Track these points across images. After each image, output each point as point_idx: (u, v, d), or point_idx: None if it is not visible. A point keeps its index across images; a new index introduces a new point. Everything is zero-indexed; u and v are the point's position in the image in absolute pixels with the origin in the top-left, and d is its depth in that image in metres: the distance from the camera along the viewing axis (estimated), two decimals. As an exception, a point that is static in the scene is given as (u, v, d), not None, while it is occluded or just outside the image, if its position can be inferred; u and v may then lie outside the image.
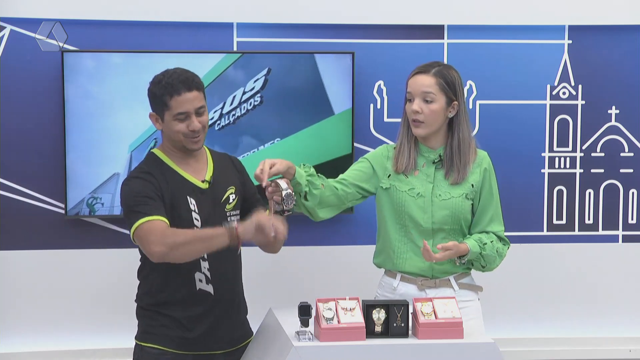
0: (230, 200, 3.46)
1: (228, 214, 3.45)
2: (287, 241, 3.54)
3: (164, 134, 3.43)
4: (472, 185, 3.62)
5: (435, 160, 3.62)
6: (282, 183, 3.33)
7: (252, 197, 3.58)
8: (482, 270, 3.65)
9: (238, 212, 3.50)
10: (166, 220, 3.30)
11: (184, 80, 3.34)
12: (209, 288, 3.40)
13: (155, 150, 3.48)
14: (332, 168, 5.02)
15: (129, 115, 4.90)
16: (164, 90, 3.33)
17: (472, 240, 3.58)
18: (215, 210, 3.42)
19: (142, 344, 3.45)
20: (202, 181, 3.43)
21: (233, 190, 3.46)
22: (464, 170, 3.60)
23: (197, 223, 3.38)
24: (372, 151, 3.76)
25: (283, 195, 3.29)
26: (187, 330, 3.41)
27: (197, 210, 3.38)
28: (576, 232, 5.29)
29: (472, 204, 3.64)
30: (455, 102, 3.61)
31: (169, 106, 3.33)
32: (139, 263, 3.51)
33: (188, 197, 3.38)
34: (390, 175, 3.64)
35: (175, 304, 3.41)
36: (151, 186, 3.34)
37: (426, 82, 3.57)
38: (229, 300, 3.46)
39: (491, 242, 3.59)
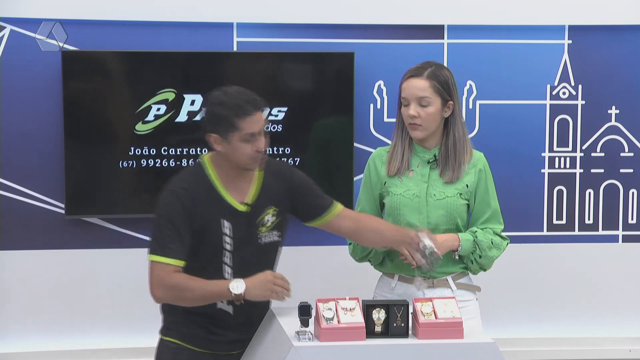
0: (266, 222, 3.39)
1: (259, 235, 3.39)
2: (287, 241, 3.54)
3: (224, 155, 3.33)
4: (467, 186, 3.62)
5: (430, 160, 3.63)
6: (426, 240, 3.27)
7: (315, 203, 3.47)
8: (480, 265, 3.62)
9: (276, 233, 3.43)
10: (180, 264, 3.28)
11: (250, 101, 3.28)
12: (229, 309, 3.39)
13: (206, 159, 3.40)
14: (332, 168, 5.03)
15: (129, 115, 4.90)
16: (232, 112, 3.25)
17: (463, 232, 3.61)
18: (250, 232, 3.37)
19: (163, 337, 3.47)
20: (242, 203, 3.36)
21: (272, 212, 3.40)
22: (459, 169, 3.60)
23: (228, 247, 3.35)
24: (367, 163, 3.72)
25: (426, 253, 3.24)
26: (206, 332, 3.41)
27: (231, 234, 3.34)
28: (576, 232, 5.29)
29: (467, 204, 3.64)
30: (451, 102, 3.61)
31: (238, 127, 3.25)
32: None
33: (223, 220, 3.33)
34: (386, 182, 3.65)
35: (196, 313, 3.40)
36: (182, 212, 3.28)
37: (420, 86, 3.56)
38: (248, 320, 3.44)
39: (484, 233, 3.59)
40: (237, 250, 3.35)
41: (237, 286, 3.23)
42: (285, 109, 4.98)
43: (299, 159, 4.99)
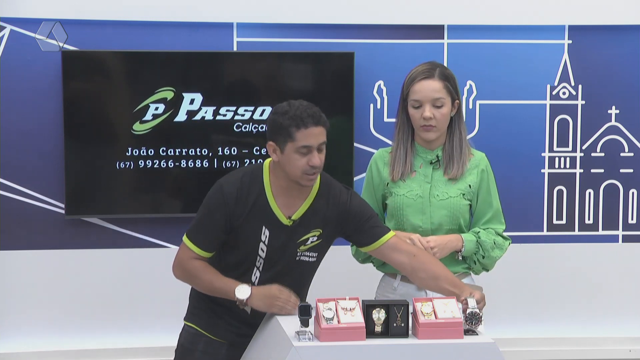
0: (308, 242, 3.41)
1: (299, 253, 3.41)
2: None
3: (279, 165, 3.35)
4: (470, 186, 3.62)
5: (433, 161, 3.63)
6: (471, 301, 3.20)
7: (365, 232, 3.45)
8: (482, 265, 3.63)
9: (314, 254, 3.45)
10: (203, 254, 3.38)
11: (312, 114, 3.30)
12: (247, 307, 3.41)
13: (266, 166, 3.42)
14: (332, 168, 5.02)
15: (130, 115, 4.90)
16: (291, 122, 3.27)
17: (466, 233, 3.61)
18: (287, 246, 3.39)
19: (186, 322, 3.56)
20: (288, 218, 3.38)
21: (316, 234, 3.41)
22: (463, 166, 3.61)
23: (262, 254, 3.39)
24: (369, 165, 3.73)
25: (467, 313, 3.17)
26: (224, 323, 3.47)
27: (267, 242, 3.37)
28: (576, 232, 5.29)
29: (470, 205, 3.64)
30: (457, 101, 3.62)
31: (293, 138, 3.27)
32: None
33: (264, 227, 3.37)
34: (388, 183, 3.65)
35: (218, 303, 3.47)
36: (223, 210, 3.34)
37: (435, 87, 3.56)
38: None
39: (486, 233, 3.60)
40: (270, 259, 3.39)
41: (242, 292, 3.31)
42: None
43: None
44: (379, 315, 3.10)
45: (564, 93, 5.22)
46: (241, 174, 3.42)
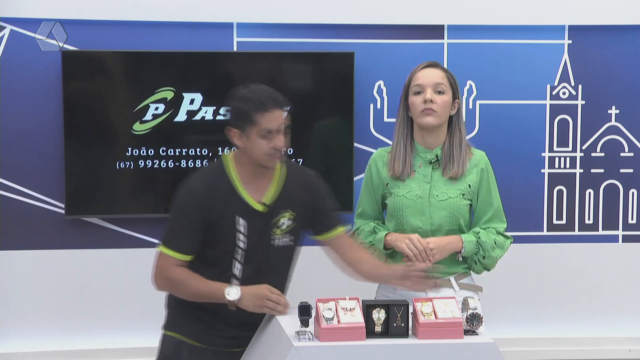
0: (281, 224, 3.42)
1: (272, 237, 3.42)
2: (287, 241, 3.54)
3: (242, 150, 3.37)
4: (469, 186, 3.62)
5: (432, 161, 3.63)
6: (472, 302, 3.20)
7: (329, 218, 3.51)
8: (483, 265, 3.63)
9: (291, 238, 3.46)
10: (185, 258, 3.36)
11: (273, 98, 3.33)
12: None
13: (228, 158, 3.44)
14: (332, 168, 5.03)
15: (130, 115, 4.90)
16: (252, 107, 3.30)
17: (466, 233, 3.61)
18: (263, 232, 3.40)
19: (166, 332, 3.52)
20: (260, 202, 3.39)
21: (289, 216, 3.42)
22: (463, 167, 3.61)
23: (242, 244, 3.38)
24: (368, 164, 3.73)
25: (467, 314, 3.17)
26: (208, 327, 3.45)
27: (245, 233, 3.38)
28: (576, 232, 5.29)
29: (470, 205, 3.64)
30: (457, 100, 3.64)
31: (256, 122, 3.30)
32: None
33: (238, 218, 3.37)
34: (388, 183, 3.65)
35: (199, 308, 3.44)
36: (196, 208, 3.34)
37: (438, 74, 3.62)
38: (250, 319, 3.44)
39: (487, 233, 3.60)
40: (250, 250, 3.39)
41: (232, 293, 3.30)
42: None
43: (299, 160, 4.99)
44: (379, 315, 3.10)
45: (564, 93, 5.22)
46: (203, 172, 3.45)
